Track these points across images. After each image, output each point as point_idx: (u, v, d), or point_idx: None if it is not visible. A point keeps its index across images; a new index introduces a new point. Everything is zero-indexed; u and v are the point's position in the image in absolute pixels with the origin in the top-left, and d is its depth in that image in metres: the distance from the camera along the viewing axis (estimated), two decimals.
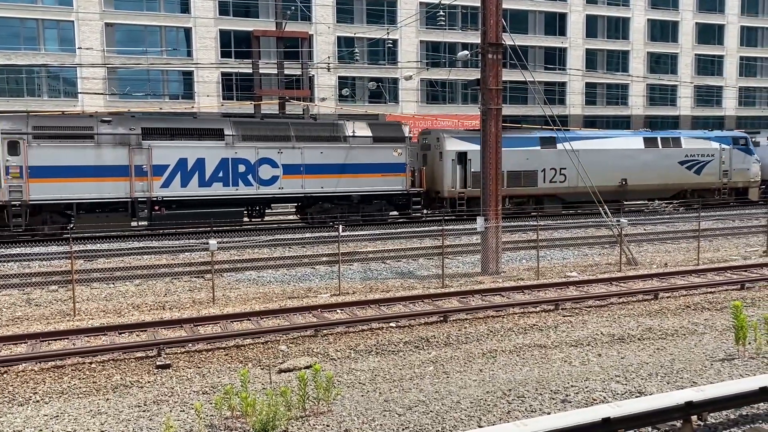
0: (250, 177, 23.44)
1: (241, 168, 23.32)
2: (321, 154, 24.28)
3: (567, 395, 7.31)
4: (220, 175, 23.04)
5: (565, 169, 27.83)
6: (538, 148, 28.08)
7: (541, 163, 28.02)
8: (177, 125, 23.17)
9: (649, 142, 30.46)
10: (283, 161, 23.80)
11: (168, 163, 22.38)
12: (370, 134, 25.41)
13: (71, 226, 21.80)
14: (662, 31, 59.10)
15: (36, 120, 21.76)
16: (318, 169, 24.25)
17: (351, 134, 25.11)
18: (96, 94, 41.24)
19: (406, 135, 26.12)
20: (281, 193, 24.03)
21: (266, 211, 26.00)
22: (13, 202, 20.53)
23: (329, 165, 24.45)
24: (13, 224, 20.56)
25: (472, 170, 26.15)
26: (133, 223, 22.37)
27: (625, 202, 29.50)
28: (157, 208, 22.30)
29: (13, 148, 20.62)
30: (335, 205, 24.90)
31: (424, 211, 27.17)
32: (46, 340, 10.59)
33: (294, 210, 27.32)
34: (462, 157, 26.83)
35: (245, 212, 24.26)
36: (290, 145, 23.89)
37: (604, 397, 7.22)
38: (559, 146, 26.80)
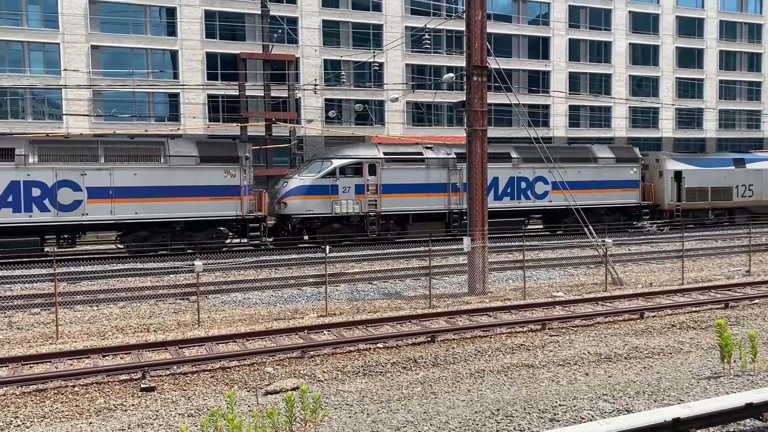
0: (528, 192, 28.39)
1: (522, 185, 28.29)
2: (578, 173, 28.77)
3: (555, 414, 7.31)
4: (508, 190, 28.02)
5: (752, 185, 33.21)
6: (733, 167, 32.84)
7: (735, 180, 32.76)
8: None
9: None
10: (551, 179, 27.81)
11: None
12: (613, 156, 30.05)
13: (401, 232, 26.57)
14: (643, 54, 60.17)
15: (384, 147, 26.96)
16: (576, 185, 27.91)
17: (599, 156, 29.79)
18: (81, 115, 41.07)
19: (639, 156, 30.95)
20: (551, 205, 28.85)
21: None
22: (370, 213, 25.77)
23: (584, 182, 29.05)
24: (369, 231, 25.79)
25: (686, 186, 31.25)
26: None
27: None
28: (465, 218, 26.09)
29: (372, 171, 25.75)
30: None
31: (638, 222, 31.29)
32: (27, 364, 10.42)
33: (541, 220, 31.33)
34: (678, 175, 31.18)
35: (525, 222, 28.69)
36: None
37: (592, 416, 7.22)
38: (748, 166, 32.96)
